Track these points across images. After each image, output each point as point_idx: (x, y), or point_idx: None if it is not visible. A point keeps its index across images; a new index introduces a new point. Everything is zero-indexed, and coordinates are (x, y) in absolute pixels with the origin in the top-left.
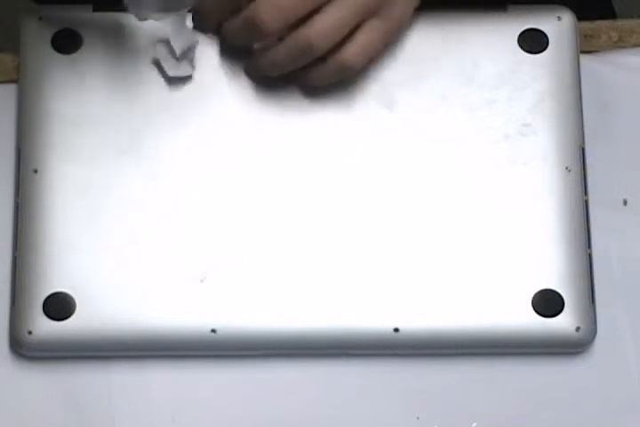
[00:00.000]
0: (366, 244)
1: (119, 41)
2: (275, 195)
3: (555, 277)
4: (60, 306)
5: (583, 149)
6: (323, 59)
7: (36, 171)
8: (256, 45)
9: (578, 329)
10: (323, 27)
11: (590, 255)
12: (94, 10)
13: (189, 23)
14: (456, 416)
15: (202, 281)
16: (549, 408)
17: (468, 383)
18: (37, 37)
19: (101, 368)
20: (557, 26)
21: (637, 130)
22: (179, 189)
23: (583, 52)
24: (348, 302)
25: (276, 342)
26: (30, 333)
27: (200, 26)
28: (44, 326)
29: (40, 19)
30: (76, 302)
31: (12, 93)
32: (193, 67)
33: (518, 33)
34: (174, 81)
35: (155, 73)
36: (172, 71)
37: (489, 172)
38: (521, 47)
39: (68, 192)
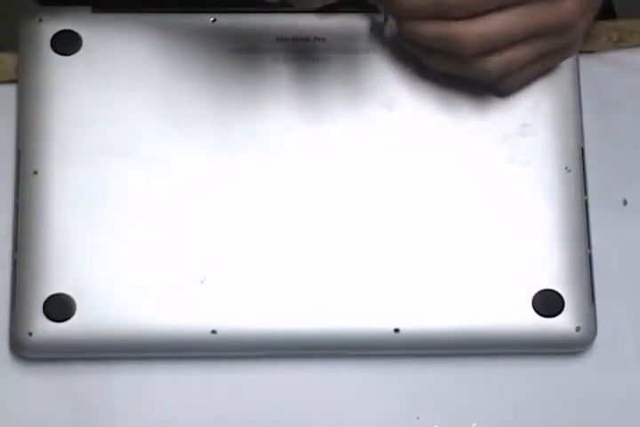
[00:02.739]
0: (366, 244)
1: (118, 42)
2: (274, 195)
3: (555, 277)
4: (60, 307)
5: (583, 149)
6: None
7: (36, 172)
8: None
9: (578, 329)
10: (485, 32)
11: (590, 255)
12: (94, 11)
13: None
14: (456, 416)
15: (202, 282)
16: (549, 408)
17: (468, 383)
18: (37, 38)
19: (102, 370)
20: None
21: (637, 130)
22: (179, 191)
23: (583, 52)
24: (349, 302)
25: (276, 342)
26: (31, 334)
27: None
28: (45, 328)
29: (40, 20)
30: (77, 303)
31: (12, 94)
32: None
33: None
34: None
35: (154, 73)
36: None
37: (489, 172)
38: None
39: (67, 194)
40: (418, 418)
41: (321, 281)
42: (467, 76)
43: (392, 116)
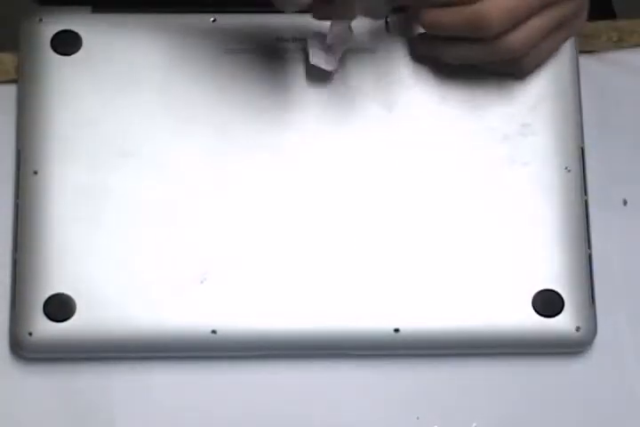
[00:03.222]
0: (366, 244)
1: (118, 42)
2: (274, 195)
3: (555, 277)
4: (60, 307)
5: (583, 149)
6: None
7: (35, 172)
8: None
9: (578, 329)
10: (508, 6)
11: (590, 255)
12: (94, 11)
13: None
14: (456, 416)
15: (202, 282)
16: (549, 408)
17: (468, 383)
18: (37, 38)
19: (102, 370)
20: None
21: (637, 130)
22: (178, 191)
23: (583, 52)
24: (349, 302)
25: (276, 342)
26: (31, 334)
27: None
28: (45, 328)
29: (40, 20)
30: (77, 303)
31: (12, 94)
32: (336, 64)
33: None
34: (314, 70)
35: (154, 73)
36: (314, 60)
37: (489, 172)
38: None
39: (67, 194)
40: (418, 418)
41: (321, 281)
42: (490, 60)
43: (392, 116)
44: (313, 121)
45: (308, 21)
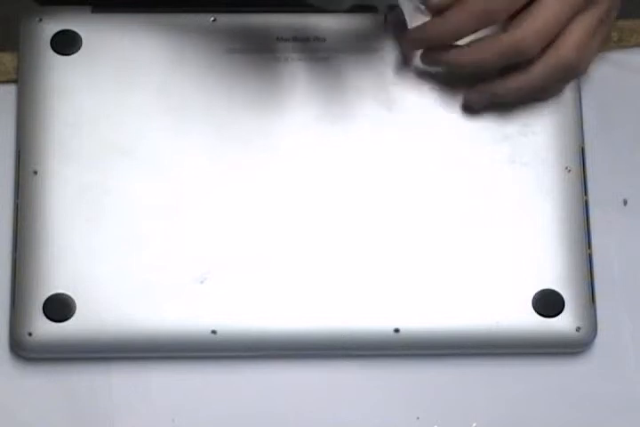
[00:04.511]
0: (366, 244)
1: (118, 42)
2: (274, 195)
3: (555, 277)
4: (60, 307)
5: (583, 149)
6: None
7: (35, 172)
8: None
9: (578, 329)
10: (537, 26)
11: (590, 255)
12: (94, 11)
13: None
14: (456, 416)
15: (202, 282)
16: (549, 408)
17: (468, 383)
18: (37, 38)
19: (102, 370)
20: None
21: (637, 130)
22: (178, 191)
23: None
24: (349, 302)
25: (276, 342)
26: (30, 334)
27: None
28: (44, 328)
29: (40, 20)
30: (76, 303)
31: (11, 93)
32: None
33: None
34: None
35: (154, 73)
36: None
37: (489, 172)
38: None
39: (67, 194)
40: (418, 418)
41: (321, 281)
42: (552, 78)
43: (392, 116)
44: (313, 121)
45: (308, 21)
